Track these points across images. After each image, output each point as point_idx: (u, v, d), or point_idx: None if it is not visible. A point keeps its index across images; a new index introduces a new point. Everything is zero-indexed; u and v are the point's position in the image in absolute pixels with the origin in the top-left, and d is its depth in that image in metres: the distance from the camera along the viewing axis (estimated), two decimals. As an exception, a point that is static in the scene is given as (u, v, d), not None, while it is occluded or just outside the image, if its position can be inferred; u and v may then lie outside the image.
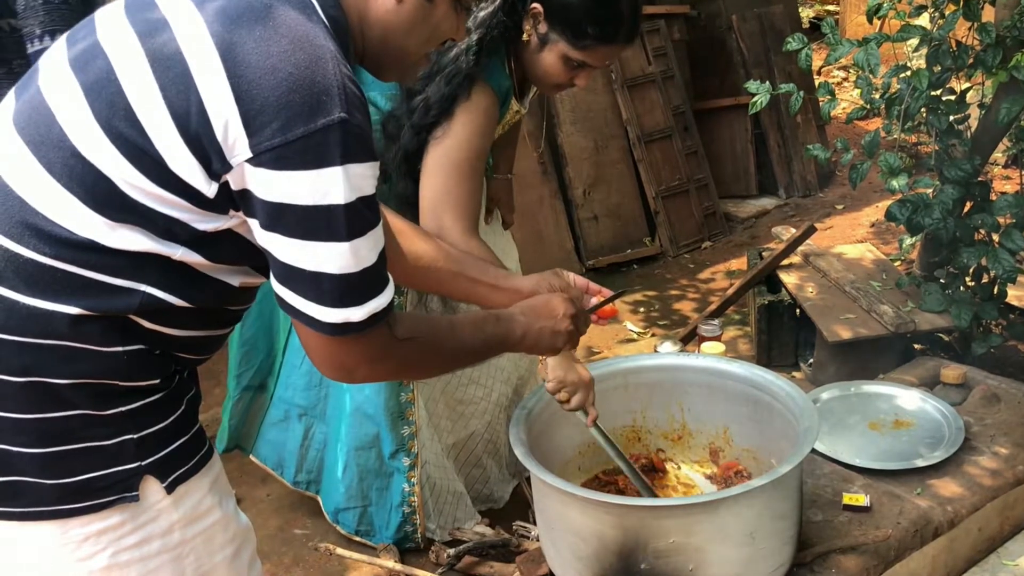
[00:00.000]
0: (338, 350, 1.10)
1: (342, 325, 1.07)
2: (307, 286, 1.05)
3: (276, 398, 2.48)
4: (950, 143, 2.80)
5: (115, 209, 1.02)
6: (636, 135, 4.83)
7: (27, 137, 1.05)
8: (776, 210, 5.25)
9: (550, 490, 1.62)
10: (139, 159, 1.01)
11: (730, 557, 1.57)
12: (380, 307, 1.09)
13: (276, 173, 0.99)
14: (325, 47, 1.03)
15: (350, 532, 2.44)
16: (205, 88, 0.99)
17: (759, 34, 5.42)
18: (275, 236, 1.03)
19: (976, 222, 2.77)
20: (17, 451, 1.05)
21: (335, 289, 1.05)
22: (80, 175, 1.02)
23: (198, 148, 1.00)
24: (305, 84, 0.99)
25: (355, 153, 1.01)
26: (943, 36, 2.64)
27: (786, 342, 3.36)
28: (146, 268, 1.05)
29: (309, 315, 1.06)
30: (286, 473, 2.54)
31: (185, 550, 1.16)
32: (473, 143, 1.82)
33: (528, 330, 1.41)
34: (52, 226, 1.02)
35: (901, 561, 1.83)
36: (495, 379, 2.48)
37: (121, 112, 1.01)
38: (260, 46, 1.00)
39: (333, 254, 1.03)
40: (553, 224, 4.61)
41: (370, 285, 1.08)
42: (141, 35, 1.03)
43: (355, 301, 1.06)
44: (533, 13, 1.79)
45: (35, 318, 1.02)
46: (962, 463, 2.09)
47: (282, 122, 0.98)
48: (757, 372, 1.90)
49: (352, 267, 1.04)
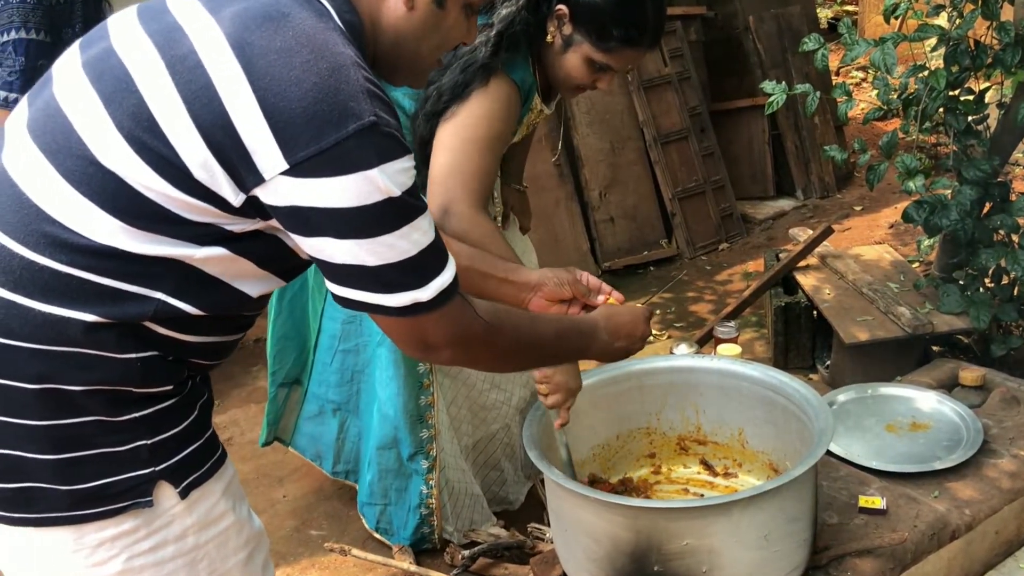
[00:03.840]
0: (415, 328, 1.13)
1: (411, 306, 1.09)
2: (368, 280, 1.07)
3: (310, 394, 2.52)
4: (968, 143, 2.78)
5: (136, 216, 1.02)
6: (652, 136, 4.82)
7: (43, 145, 1.05)
8: (794, 211, 5.23)
9: (563, 492, 1.63)
10: (164, 169, 1.01)
11: (744, 559, 1.57)
12: (446, 283, 1.11)
13: (316, 181, 1.00)
14: (345, 53, 1.03)
15: (371, 527, 2.48)
16: (231, 102, 0.99)
17: (776, 35, 5.39)
18: (329, 240, 1.04)
19: (995, 223, 2.74)
20: (32, 457, 1.06)
21: (398, 275, 1.07)
22: (100, 183, 1.02)
23: (226, 160, 1.01)
24: (331, 92, 1.00)
25: (390, 151, 1.03)
26: (961, 35, 2.62)
27: (803, 344, 3.34)
28: (162, 275, 1.05)
29: (379, 304, 1.09)
30: (324, 464, 2.59)
31: (199, 555, 1.16)
32: (490, 122, 1.77)
33: (607, 347, 1.48)
34: (69, 233, 1.03)
35: (917, 564, 1.82)
36: (515, 383, 2.49)
37: (144, 123, 1.01)
38: (282, 58, 1.00)
39: (389, 246, 1.05)
40: (569, 226, 4.60)
41: (430, 264, 1.10)
42: (159, 45, 1.04)
43: (419, 282, 1.09)
44: (558, 14, 1.79)
45: (50, 325, 1.03)
46: (980, 466, 2.07)
47: (313, 132, 0.99)
48: (772, 374, 1.89)
49: (410, 251, 1.07)
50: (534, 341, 1.32)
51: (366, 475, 2.43)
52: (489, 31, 1.78)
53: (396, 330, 1.14)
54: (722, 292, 4.35)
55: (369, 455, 2.40)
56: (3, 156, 1.09)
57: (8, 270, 1.03)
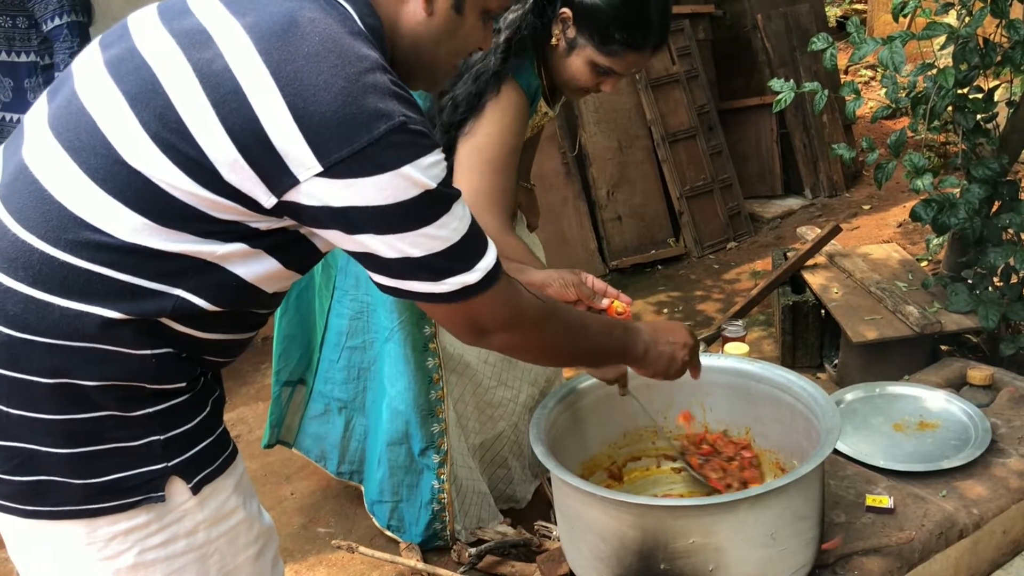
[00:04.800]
0: (467, 313, 1.16)
1: (461, 290, 1.12)
2: (417, 270, 1.09)
3: (315, 392, 2.53)
4: (977, 142, 2.77)
5: (162, 213, 1.03)
6: (660, 135, 4.82)
7: (66, 142, 1.06)
8: (802, 210, 5.22)
9: (570, 489, 1.63)
10: (192, 170, 1.02)
11: (750, 557, 1.57)
12: (491, 264, 1.15)
13: (351, 181, 1.02)
14: (370, 56, 1.05)
15: (383, 526, 2.48)
16: (261, 107, 1.00)
17: (785, 33, 5.38)
18: (368, 237, 1.06)
19: (1004, 221, 2.74)
20: (46, 451, 1.07)
21: (445, 261, 1.10)
22: (125, 181, 1.03)
23: (257, 164, 1.02)
24: (359, 95, 1.01)
25: (421, 147, 1.05)
26: (970, 33, 2.61)
27: (811, 343, 3.35)
28: (183, 273, 1.06)
29: (429, 292, 1.12)
30: (329, 464, 2.59)
31: (210, 550, 1.18)
32: (504, 139, 1.82)
33: (650, 348, 1.46)
34: (91, 231, 1.03)
35: (923, 563, 1.82)
36: (522, 381, 2.49)
37: (172, 125, 1.02)
38: (309, 63, 1.01)
39: (431, 236, 1.08)
40: (577, 225, 4.61)
41: (473, 248, 1.13)
42: (184, 47, 1.04)
43: (465, 266, 1.12)
44: (562, 18, 1.80)
45: (67, 320, 1.04)
46: (989, 465, 2.07)
47: (345, 135, 1.00)
48: (778, 372, 1.89)
49: (452, 238, 1.10)
50: (583, 332, 1.34)
51: (375, 473, 2.44)
52: (497, 37, 1.79)
53: (449, 316, 1.17)
54: (730, 291, 4.35)
55: (379, 452, 2.40)
56: (23, 151, 1.09)
57: (28, 265, 1.05)
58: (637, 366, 1.48)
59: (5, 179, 1.10)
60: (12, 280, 1.05)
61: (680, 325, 1.58)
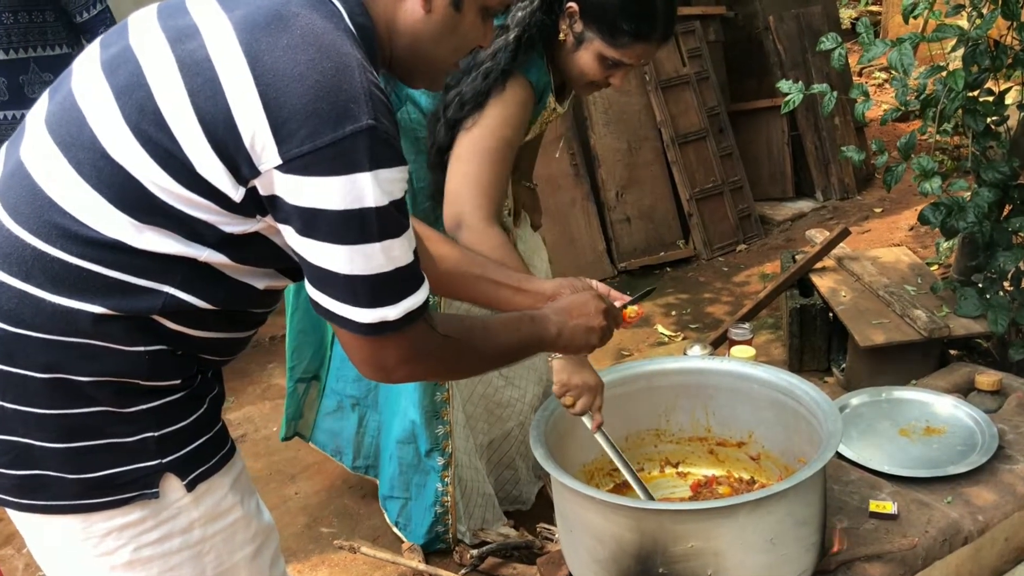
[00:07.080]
0: (376, 350, 1.11)
1: (378, 324, 1.08)
2: (341, 289, 1.06)
3: (328, 389, 2.54)
4: (987, 145, 2.75)
5: (143, 211, 1.04)
6: (670, 136, 4.80)
7: (58, 138, 1.07)
8: (813, 213, 5.19)
9: (568, 492, 1.62)
10: (167, 162, 1.03)
11: (749, 563, 1.56)
12: (415, 305, 1.10)
13: (306, 179, 1.00)
14: (351, 55, 1.04)
15: (392, 521, 2.49)
16: (233, 95, 1.01)
17: (796, 35, 5.36)
18: (309, 241, 1.04)
19: (1014, 225, 2.71)
20: (41, 445, 1.08)
21: (369, 290, 1.06)
22: (109, 176, 1.04)
23: (225, 154, 1.02)
24: (332, 92, 1.00)
25: (384, 158, 1.03)
26: (981, 36, 2.59)
27: (818, 346, 3.33)
28: (171, 270, 1.07)
29: (345, 317, 1.07)
30: (344, 459, 2.60)
31: (205, 547, 1.18)
32: (502, 131, 1.81)
33: (563, 328, 1.41)
34: (79, 226, 1.04)
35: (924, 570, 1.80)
36: (529, 380, 2.50)
37: (150, 116, 1.03)
38: (287, 54, 1.01)
39: (366, 256, 1.04)
40: (585, 226, 4.60)
41: (404, 283, 1.09)
42: (171, 41, 1.05)
43: (390, 300, 1.07)
44: (569, 12, 1.80)
45: (60, 316, 1.05)
46: (995, 471, 2.04)
47: (310, 130, 0.99)
48: (782, 376, 1.88)
49: (386, 267, 1.06)
50: (490, 344, 1.29)
51: (387, 469, 2.45)
52: (507, 35, 1.79)
53: (358, 349, 1.12)
54: (739, 294, 4.33)
55: (390, 449, 2.41)
56: (21, 148, 1.11)
57: (21, 260, 1.06)
58: (557, 349, 1.43)
59: (4, 175, 1.11)
60: (7, 275, 1.06)
61: (586, 294, 1.49)
